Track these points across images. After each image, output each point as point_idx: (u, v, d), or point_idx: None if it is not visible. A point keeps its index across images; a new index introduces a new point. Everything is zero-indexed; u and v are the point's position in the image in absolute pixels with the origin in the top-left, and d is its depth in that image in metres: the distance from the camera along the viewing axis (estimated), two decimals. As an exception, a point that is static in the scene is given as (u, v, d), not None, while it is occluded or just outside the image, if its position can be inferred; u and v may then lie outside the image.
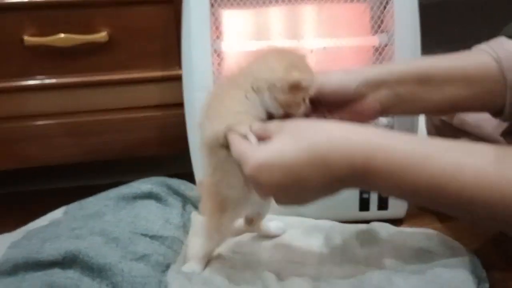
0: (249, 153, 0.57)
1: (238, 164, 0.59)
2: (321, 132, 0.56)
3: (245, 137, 0.60)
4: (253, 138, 0.60)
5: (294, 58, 0.63)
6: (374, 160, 0.54)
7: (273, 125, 0.60)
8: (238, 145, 0.59)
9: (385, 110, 0.68)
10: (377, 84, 0.66)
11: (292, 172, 0.55)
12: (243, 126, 0.60)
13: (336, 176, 0.55)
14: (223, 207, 0.67)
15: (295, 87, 0.60)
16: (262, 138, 0.60)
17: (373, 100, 0.66)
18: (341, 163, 0.54)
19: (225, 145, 0.62)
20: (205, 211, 0.70)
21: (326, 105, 0.67)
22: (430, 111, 0.78)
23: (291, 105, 0.61)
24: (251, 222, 0.79)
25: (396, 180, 0.54)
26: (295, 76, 0.60)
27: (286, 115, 0.62)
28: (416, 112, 0.77)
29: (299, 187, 0.56)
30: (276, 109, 0.62)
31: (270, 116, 0.63)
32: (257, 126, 0.61)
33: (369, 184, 0.56)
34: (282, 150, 0.55)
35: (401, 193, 0.57)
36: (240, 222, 0.82)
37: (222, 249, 0.77)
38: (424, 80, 0.66)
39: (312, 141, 0.55)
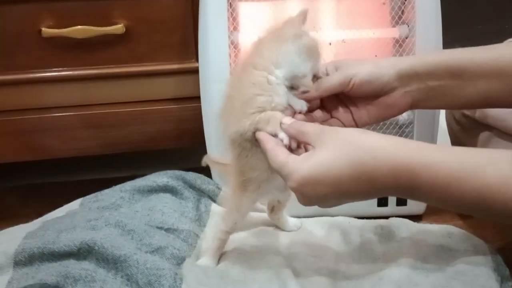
0: (292, 166, 0.56)
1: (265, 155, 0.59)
2: (366, 148, 0.55)
3: (275, 135, 0.60)
4: (286, 139, 0.59)
5: None
6: (418, 178, 0.54)
7: (311, 127, 0.59)
8: (276, 156, 0.58)
9: (415, 104, 0.67)
10: (408, 77, 0.65)
11: (337, 187, 0.55)
12: (272, 124, 0.60)
13: (381, 190, 0.56)
14: (245, 187, 0.67)
15: (304, 18, 0.61)
16: (296, 140, 0.60)
17: (403, 93, 0.65)
18: (386, 181, 0.55)
19: (250, 139, 0.62)
20: (230, 187, 0.70)
21: (354, 97, 0.66)
22: (461, 106, 0.77)
23: (318, 49, 0.62)
24: (273, 209, 0.79)
25: (441, 195, 0.54)
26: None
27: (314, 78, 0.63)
28: (446, 107, 0.77)
29: (342, 197, 0.57)
30: (306, 67, 0.61)
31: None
32: (289, 122, 0.60)
33: (413, 197, 0.57)
34: (328, 166, 0.55)
35: (446, 205, 0.58)
36: (256, 215, 0.82)
37: (238, 242, 0.76)
38: (456, 73, 0.64)
39: (357, 157, 0.55)
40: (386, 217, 0.79)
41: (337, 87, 0.64)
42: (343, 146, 0.55)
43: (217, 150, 0.85)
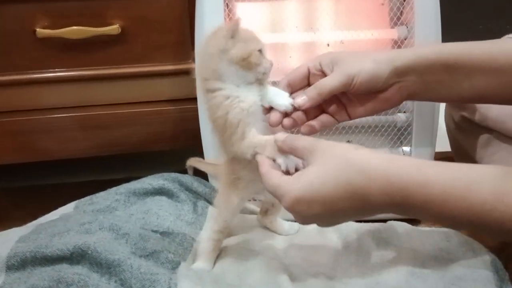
0: (284, 187, 0.56)
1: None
2: (358, 166, 0.54)
3: (274, 160, 0.60)
4: (283, 164, 0.59)
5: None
6: (412, 196, 0.53)
7: (303, 143, 0.58)
8: (270, 179, 0.58)
9: (410, 96, 0.66)
10: (405, 72, 0.64)
11: (330, 206, 0.55)
12: (269, 150, 0.60)
13: (375, 208, 0.56)
14: (235, 185, 0.67)
15: (233, 32, 0.60)
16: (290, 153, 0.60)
17: (399, 87, 0.65)
18: (379, 200, 0.54)
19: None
20: (220, 186, 0.71)
21: (352, 94, 0.66)
22: (456, 100, 0.76)
23: (249, 60, 0.61)
24: (266, 213, 0.78)
25: (436, 213, 0.54)
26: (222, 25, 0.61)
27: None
28: (441, 100, 0.76)
29: (337, 216, 0.57)
30: (242, 75, 0.62)
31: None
32: (282, 137, 0.60)
33: (408, 214, 0.57)
34: (319, 185, 0.55)
35: (442, 223, 0.58)
36: (253, 218, 0.81)
37: (234, 246, 0.75)
38: (452, 68, 0.64)
39: (348, 176, 0.54)
40: (384, 221, 0.78)
41: (339, 89, 0.64)
42: (334, 164, 0.55)
43: (213, 151, 0.84)
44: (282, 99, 0.63)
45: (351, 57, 0.65)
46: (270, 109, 0.64)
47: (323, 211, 0.55)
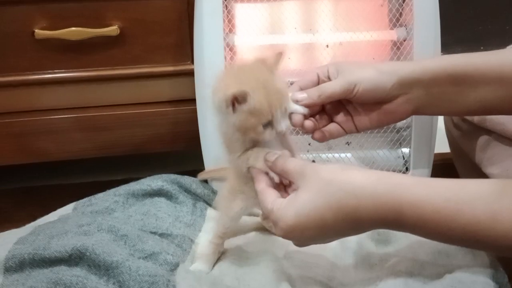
0: (276, 214, 0.57)
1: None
2: (348, 189, 0.54)
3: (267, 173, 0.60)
4: (276, 177, 0.60)
5: (253, 74, 0.59)
6: (405, 216, 0.53)
7: (293, 166, 0.58)
8: (264, 200, 0.59)
9: (415, 110, 0.66)
10: (410, 84, 0.64)
11: (323, 230, 0.56)
12: (261, 161, 0.60)
13: (368, 227, 0.57)
14: (238, 194, 0.67)
15: (226, 104, 0.57)
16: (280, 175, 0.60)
17: (404, 100, 0.65)
18: (371, 220, 0.54)
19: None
20: (224, 191, 0.71)
21: (355, 103, 0.66)
22: (462, 113, 0.76)
23: (246, 129, 0.59)
24: (266, 218, 0.78)
25: (429, 231, 0.54)
26: (230, 91, 0.55)
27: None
28: (447, 113, 0.76)
29: (331, 236, 0.58)
30: (237, 136, 0.61)
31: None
32: (272, 158, 0.60)
33: (401, 231, 0.57)
34: (310, 211, 0.55)
35: (435, 240, 0.57)
36: (253, 220, 0.81)
37: (233, 248, 0.75)
38: (458, 79, 0.64)
39: (338, 199, 0.54)
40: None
41: (340, 94, 0.64)
42: (323, 188, 0.55)
43: (212, 153, 0.84)
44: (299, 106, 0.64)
45: (355, 66, 0.66)
46: (289, 115, 0.64)
47: (317, 234, 0.56)
